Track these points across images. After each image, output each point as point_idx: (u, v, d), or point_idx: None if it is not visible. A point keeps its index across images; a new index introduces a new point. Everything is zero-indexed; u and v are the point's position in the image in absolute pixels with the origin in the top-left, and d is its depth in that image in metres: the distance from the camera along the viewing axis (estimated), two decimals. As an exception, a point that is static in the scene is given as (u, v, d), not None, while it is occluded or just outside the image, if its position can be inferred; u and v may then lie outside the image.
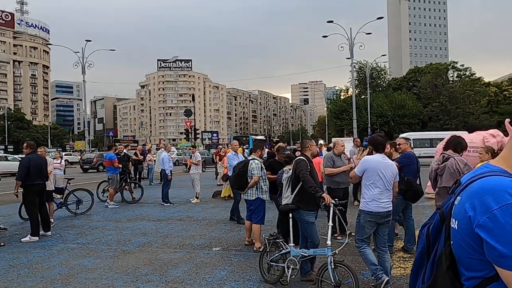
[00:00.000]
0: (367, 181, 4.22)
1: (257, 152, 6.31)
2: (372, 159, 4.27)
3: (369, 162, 4.23)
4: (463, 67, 53.16)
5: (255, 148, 6.37)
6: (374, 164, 4.21)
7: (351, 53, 36.02)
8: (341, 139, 25.61)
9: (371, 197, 4.18)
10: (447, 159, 4.20)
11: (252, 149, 6.44)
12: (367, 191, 4.21)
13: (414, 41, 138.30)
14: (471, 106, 50.79)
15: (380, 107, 50.90)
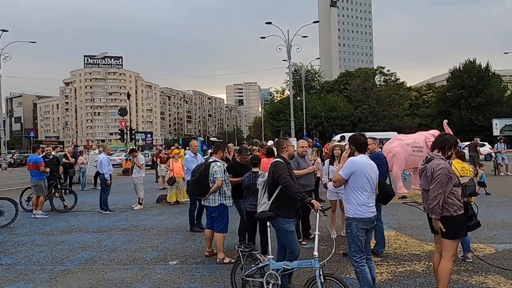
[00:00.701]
0: (354, 184, 3.88)
1: (218, 153, 5.75)
2: (360, 160, 3.95)
3: (357, 164, 3.90)
4: (389, 72, 57.01)
5: (217, 149, 5.80)
6: (361, 166, 3.90)
7: (288, 55, 36.56)
8: (291, 139, 25.85)
9: (360, 202, 3.87)
10: (429, 160, 4.01)
11: (213, 151, 5.87)
12: (356, 196, 3.87)
13: (343, 47, 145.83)
14: (395, 109, 54.63)
15: (315, 109, 52.70)
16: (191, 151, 8.08)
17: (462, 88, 53.77)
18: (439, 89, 62.58)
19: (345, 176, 3.88)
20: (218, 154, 5.73)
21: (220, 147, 5.86)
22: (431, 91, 63.95)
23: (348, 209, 3.93)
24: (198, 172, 5.57)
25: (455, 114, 54.32)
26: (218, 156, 5.72)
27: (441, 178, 3.76)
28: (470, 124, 53.24)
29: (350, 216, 3.89)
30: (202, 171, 5.53)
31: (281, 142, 4.47)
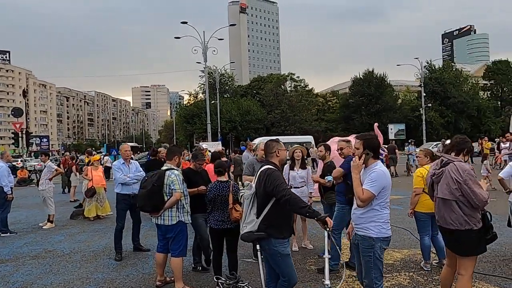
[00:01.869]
0: (380, 200, 3.26)
1: (173, 159, 4.71)
2: (387, 172, 3.34)
3: (387, 176, 3.28)
4: (298, 79, 59.43)
5: (171, 155, 4.75)
6: (389, 178, 3.31)
7: (204, 57, 35.57)
8: (205, 143, 24.76)
9: (385, 219, 3.27)
10: (446, 164, 3.56)
11: (167, 156, 4.81)
12: (380, 213, 3.24)
13: (253, 53, 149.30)
14: (305, 114, 57.13)
15: (229, 113, 52.44)
16: (124, 157, 6.77)
17: (363, 96, 58.49)
18: (342, 96, 67.20)
19: (376, 191, 3.19)
20: (174, 161, 4.70)
21: (175, 152, 4.82)
22: (335, 97, 68.38)
23: (370, 228, 3.27)
24: (150, 183, 4.48)
25: (357, 119, 58.91)
26: (174, 163, 4.69)
27: (472, 181, 3.36)
28: (370, 129, 57.61)
29: (374, 236, 3.24)
30: (155, 181, 4.45)
31: (271, 145, 3.65)
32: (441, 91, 60.18)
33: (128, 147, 6.88)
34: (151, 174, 4.64)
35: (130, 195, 6.26)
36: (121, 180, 6.30)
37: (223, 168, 4.75)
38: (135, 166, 6.65)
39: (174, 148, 5.09)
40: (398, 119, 58.46)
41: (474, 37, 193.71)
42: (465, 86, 65.19)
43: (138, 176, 6.38)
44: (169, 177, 4.48)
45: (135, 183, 6.25)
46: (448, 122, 59.76)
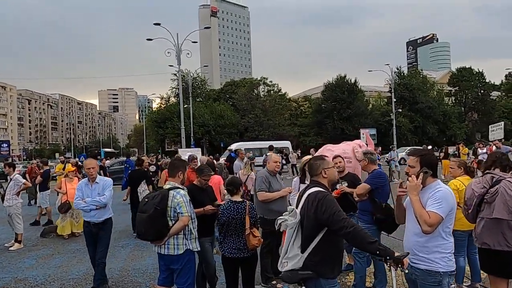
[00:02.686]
0: (447, 225, 2.73)
1: (177, 176, 4.00)
2: (452, 191, 2.81)
3: (453, 197, 2.76)
4: (271, 83, 59.30)
5: (174, 170, 4.02)
6: (454, 199, 2.79)
7: (178, 60, 34.64)
8: (188, 150, 23.78)
9: (451, 249, 2.75)
10: (498, 182, 3.15)
11: (169, 172, 4.10)
12: (446, 241, 2.73)
13: (224, 56, 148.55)
14: (278, 118, 57.01)
15: (202, 117, 51.52)
16: (88, 171, 5.41)
17: (335, 101, 59.09)
18: (314, 101, 67.72)
19: (444, 214, 2.67)
20: (177, 177, 3.98)
21: (179, 167, 4.08)
22: (307, 102, 68.80)
23: (436, 260, 2.72)
24: (152, 206, 3.74)
25: (330, 124, 59.43)
26: (178, 180, 3.98)
27: None
28: (342, 134, 58.69)
29: (442, 271, 2.70)
30: (157, 203, 3.73)
31: (315, 165, 2.99)
32: (409, 96, 61.82)
33: (92, 163, 5.46)
34: (152, 195, 3.90)
35: (90, 224, 5.25)
36: (75, 204, 5.44)
37: (236, 186, 4.10)
38: (100, 187, 5.34)
39: (177, 162, 4.35)
40: (369, 124, 59.44)
41: (437, 45, 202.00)
42: (431, 92, 67.38)
43: (97, 202, 5.21)
44: (174, 198, 3.77)
45: (96, 210, 5.21)
46: (416, 127, 61.41)
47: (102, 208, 5.24)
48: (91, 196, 5.24)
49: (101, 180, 5.45)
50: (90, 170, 5.35)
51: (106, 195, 5.29)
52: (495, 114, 70.03)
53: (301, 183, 5.61)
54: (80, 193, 5.30)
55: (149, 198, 3.90)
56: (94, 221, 5.21)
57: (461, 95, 72.79)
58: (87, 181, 5.41)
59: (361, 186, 4.64)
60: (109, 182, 5.48)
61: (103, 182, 5.42)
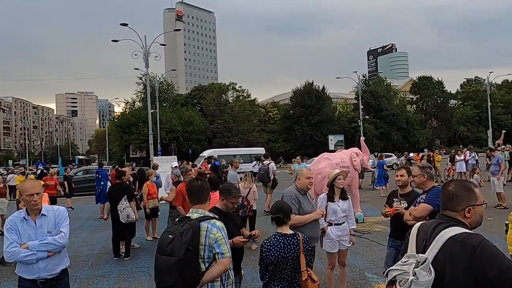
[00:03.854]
0: None
1: (206, 201, 3.02)
2: None
3: None
4: (241, 89, 58.56)
5: (202, 193, 2.90)
6: None
7: (146, 63, 33.08)
8: (164, 158, 22.28)
9: None
10: None
11: (193, 196, 3.08)
12: None
13: (189, 61, 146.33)
14: (247, 124, 56.29)
15: (170, 122, 49.83)
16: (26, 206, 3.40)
17: (303, 107, 59.27)
18: (283, 107, 67.69)
19: None
20: (206, 203, 3.02)
21: (205, 188, 3.09)
22: (275, 108, 68.66)
23: None
24: (182, 246, 2.67)
25: (298, 130, 59.49)
26: (207, 207, 3.01)
27: None
28: (311, 140, 58.98)
29: None
30: (189, 241, 2.71)
31: (461, 195, 2.01)
32: (375, 104, 63.19)
33: (36, 187, 3.37)
34: (178, 230, 2.80)
35: (36, 283, 3.30)
36: (9, 255, 3.24)
37: (286, 213, 3.16)
38: (50, 222, 3.39)
39: (212, 178, 3.29)
40: (337, 130, 60.11)
41: (396, 54, 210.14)
42: (394, 100, 69.31)
43: (51, 245, 3.29)
44: (209, 233, 2.76)
45: (46, 259, 3.28)
46: (381, 134, 62.77)
47: (57, 253, 3.36)
48: (37, 237, 3.28)
49: (50, 211, 3.43)
50: (34, 198, 3.28)
51: (64, 233, 3.40)
52: (453, 121, 73.23)
53: (329, 201, 4.77)
54: (16, 236, 3.25)
55: (174, 233, 2.82)
56: (44, 277, 3.30)
57: (422, 103, 75.48)
58: (25, 214, 3.34)
59: (421, 208, 3.86)
60: (63, 213, 3.49)
61: (55, 213, 3.44)
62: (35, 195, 3.29)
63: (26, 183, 3.47)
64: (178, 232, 2.78)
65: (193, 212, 2.94)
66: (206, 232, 2.77)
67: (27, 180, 3.87)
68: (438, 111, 73.31)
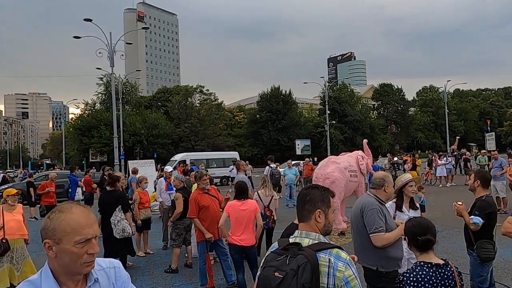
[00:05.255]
0: None
1: (314, 219, 2.11)
2: None
3: None
4: (208, 92, 57.30)
5: (312, 207, 2.09)
6: None
7: (111, 61, 31.19)
8: (141, 162, 20.64)
9: None
10: None
11: (302, 210, 2.15)
12: None
13: (151, 63, 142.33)
14: (214, 128, 55.10)
15: (133, 125, 47.64)
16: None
17: (270, 112, 59.06)
18: (249, 111, 67.18)
19: None
20: (314, 222, 2.12)
21: (317, 201, 2.18)
22: (242, 113, 68.01)
23: None
24: (292, 285, 1.85)
25: (265, 135, 59.13)
26: (317, 228, 2.10)
27: None
28: (278, 144, 58.80)
29: None
30: (307, 283, 1.80)
31: None
32: (339, 109, 64.20)
33: (90, 219, 1.55)
34: (290, 264, 1.90)
35: None
36: None
37: (434, 234, 2.32)
38: None
39: (314, 190, 2.33)
40: (303, 135, 60.40)
41: (354, 62, 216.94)
42: (357, 106, 70.90)
43: None
44: (334, 270, 1.93)
45: None
46: (346, 138, 63.81)
47: None
48: None
49: (102, 270, 1.68)
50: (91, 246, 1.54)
51: None
52: (412, 128, 76.10)
53: (398, 210, 4.03)
54: None
55: (283, 270, 1.87)
56: None
57: (383, 109, 77.81)
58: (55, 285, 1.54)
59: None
60: (123, 275, 1.75)
61: (110, 274, 1.70)
62: (93, 239, 1.57)
63: (75, 214, 1.55)
64: (289, 269, 1.89)
65: (302, 235, 2.07)
66: (329, 269, 1.91)
67: (69, 207, 1.58)
68: (398, 117, 75.83)
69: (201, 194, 5.29)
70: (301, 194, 2.17)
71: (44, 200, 10.81)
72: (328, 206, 2.12)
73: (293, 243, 2.02)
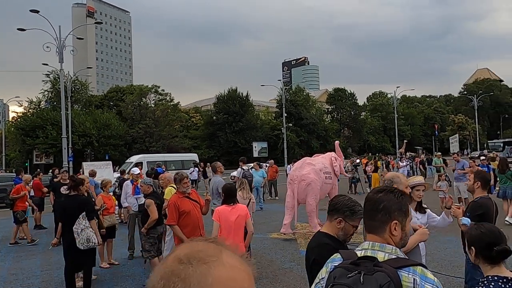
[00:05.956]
0: None
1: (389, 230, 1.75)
2: None
3: None
4: (164, 92, 55.69)
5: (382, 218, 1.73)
6: None
7: (60, 56, 29.28)
8: (96, 164, 19.19)
9: None
10: None
11: (370, 221, 1.80)
12: None
13: (101, 61, 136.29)
14: (170, 129, 53.64)
15: (83, 125, 45.11)
16: None
17: (227, 113, 58.61)
18: (206, 113, 66.29)
19: None
20: (389, 233, 1.75)
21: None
22: (198, 114, 66.94)
23: None
24: None
25: (222, 137, 58.55)
26: (386, 239, 1.76)
27: None
28: (235, 146, 58.46)
29: None
30: None
31: None
32: (295, 112, 65.12)
33: None
34: (356, 278, 1.58)
35: None
36: None
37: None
38: None
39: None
40: (260, 137, 60.56)
41: (308, 67, 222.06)
42: (312, 109, 72.42)
43: None
44: None
45: None
46: (302, 141, 64.84)
47: None
48: None
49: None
50: None
51: None
52: (364, 131, 79.03)
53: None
54: None
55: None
56: None
57: (337, 113, 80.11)
58: None
59: None
60: None
61: None
62: None
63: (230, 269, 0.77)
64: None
65: (375, 248, 1.72)
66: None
67: (215, 252, 0.79)
68: (351, 121, 78.42)
69: (181, 198, 4.80)
70: (372, 199, 1.82)
71: (18, 205, 9.60)
72: (406, 215, 1.80)
73: (365, 257, 1.67)
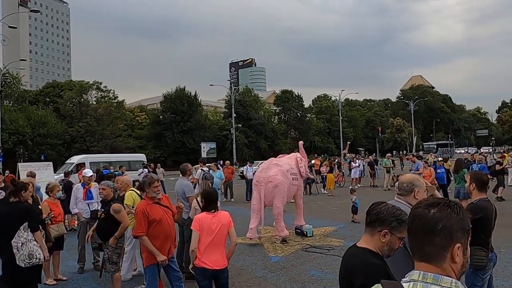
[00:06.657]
0: None
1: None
2: None
3: None
4: (106, 89, 52.78)
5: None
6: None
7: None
8: (33, 164, 17.16)
9: None
10: None
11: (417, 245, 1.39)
12: None
13: (36, 55, 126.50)
14: (113, 128, 50.95)
15: (15, 123, 41.33)
16: None
17: (175, 113, 57.05)
18: (152, 112, 64.06)
19: None
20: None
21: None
22: (144, 113, 64.50)
23: None
24: None
25: (169, 137, 56.81)
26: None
27: None
28: (183, 146, 57.04)
29: None
30: None
31: None
32: (244, 113, 65.03)
33: None
34: None
35: None
36: None
37: None
38: None
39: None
40: (209, 137, 59.63)
41: (255, 69, 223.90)
42: (261, 110, 72.85)
43: None
44: None
45: None
46: (250, 142, 64.90)
47: None
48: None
49: None
50: None
51: None
52: (310, 133, 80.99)
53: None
54: None
55: None
56: None
57: (284, 115, 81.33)
58: None
59: None
60: None
61: None
62: None
63: None
64: None
65: (428, 280, 1.32)
66: None
67: None
68: (297, 123, 80.00)
69: (150, 205, 4.15)
70: (423, 217, 1.38)
71: None
72: (469, 234, 1.40)
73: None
